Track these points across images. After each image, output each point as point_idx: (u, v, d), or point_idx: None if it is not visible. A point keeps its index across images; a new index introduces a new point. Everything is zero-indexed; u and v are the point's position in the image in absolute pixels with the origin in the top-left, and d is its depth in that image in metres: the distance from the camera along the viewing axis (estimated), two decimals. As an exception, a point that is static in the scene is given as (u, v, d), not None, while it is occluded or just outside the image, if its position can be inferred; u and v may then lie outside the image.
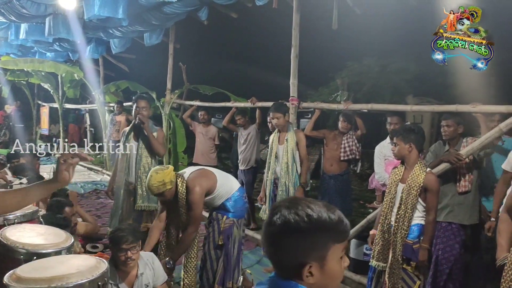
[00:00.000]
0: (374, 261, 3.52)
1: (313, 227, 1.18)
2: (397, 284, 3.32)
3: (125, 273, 3.11)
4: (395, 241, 3.35)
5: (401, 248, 3.31)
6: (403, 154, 3.39)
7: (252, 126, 6.92)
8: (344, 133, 5.37)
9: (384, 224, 3.47)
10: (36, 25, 7.99)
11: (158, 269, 3.32)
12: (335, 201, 5.35)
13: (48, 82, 13.18)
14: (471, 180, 4.00)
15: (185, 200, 3.62)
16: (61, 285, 1.76)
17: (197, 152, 7.71)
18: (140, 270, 3.17)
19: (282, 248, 1.21)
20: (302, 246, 1.18)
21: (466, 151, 3.84)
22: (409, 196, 3.32)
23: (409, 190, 3.33)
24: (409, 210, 3.31)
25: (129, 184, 4.58)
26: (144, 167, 4.50)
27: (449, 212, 4.07)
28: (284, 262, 1.22)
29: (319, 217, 1.19)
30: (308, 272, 1.19)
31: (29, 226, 2.43)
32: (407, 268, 3.33)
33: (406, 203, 3.32)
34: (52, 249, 2.17)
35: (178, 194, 3.62)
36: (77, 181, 10.19)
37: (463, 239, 4.01)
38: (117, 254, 3.04)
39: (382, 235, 3.48)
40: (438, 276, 4.05)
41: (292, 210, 1.20)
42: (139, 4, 6.60)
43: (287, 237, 1.20)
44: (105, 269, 1.97)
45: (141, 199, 4.48)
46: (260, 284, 1.26)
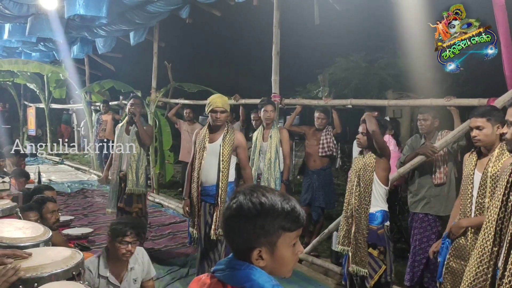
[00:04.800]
0: (340, 246, 3.68)
1: (263, 214, 1.24)
2: (363, 257, 3.48)
3: (116, 266, 3.16)
4: (358, 218, 3.50)
5: (366, 224, 3.46)
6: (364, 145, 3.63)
7: (237, 123, 6.99)
8: (322, 129, 5.46)
9: (347, 210, 3.63)
10: (19, 25, 8.00)
11: (147, 264, 3.37)
12: (318, 195, 5.44)
13: (34, 82, 13.13)
14: (446, 172, 4.11)
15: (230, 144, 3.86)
16: (36, 274, 1.81)
17: (183, 149, 7.77)
18: (131, 264, 3.22)
19: (235, 232, 1.27)
20: (252, 231, 1.24)
21: (440, 143, 3.94)
22: (365, 172, 3.51)
23: (365, 167, 3.52)
24: (368, 186, 3.49)
25: (121, 172, 5.10)
26: (134, 156, 5.06)
27: (425, 204, 4.19)
28: (237, 245, 1.29)
29: (271, 205, 1.25)
30: (258, 256, 1.26)
31: (7, 221, 2.47)
32: (373, 252, 3.48)
33: (364, 179, 3.50)
34: (29, 242, 2.21)
35: (227, 135, 3.87)
36: (64, 181, 10.19)
37: (439, 230, 4.12)
38: (118, 245, 3.08)
39: (346, 220, 3.64)
40: (416, 266, 4.16)
41: (248, 197, 1.27)
42: (122, 3, 6.63)
43: (239, 221, 1.26)
44: (80, 259, 2.02)
45: (131, 184, 5.02)
46: (219, 264, 1.32)
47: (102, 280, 3.10)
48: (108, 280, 3.10)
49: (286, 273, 1.31)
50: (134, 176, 5.03)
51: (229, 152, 3.86)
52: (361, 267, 3.49)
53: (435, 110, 4.25)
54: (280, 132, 5.00)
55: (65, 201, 7.97)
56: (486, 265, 1.95)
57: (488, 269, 1.95)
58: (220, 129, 3.91)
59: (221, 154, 3.84)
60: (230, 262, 1.29)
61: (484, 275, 1.95)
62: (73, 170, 12.17)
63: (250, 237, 1.25)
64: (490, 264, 1.95)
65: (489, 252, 1.95)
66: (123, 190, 5.06)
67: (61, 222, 4.80)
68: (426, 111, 4.24)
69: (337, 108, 5.68)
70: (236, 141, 3.88)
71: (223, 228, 1.33)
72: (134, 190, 5.02)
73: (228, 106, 3.93)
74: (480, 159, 2.93)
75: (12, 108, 17.00)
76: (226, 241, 1.34)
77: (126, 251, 3.09)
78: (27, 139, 15.57)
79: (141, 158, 5.08)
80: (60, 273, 1.89)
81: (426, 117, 4.21)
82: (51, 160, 13.62)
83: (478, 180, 2.82)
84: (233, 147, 3.87)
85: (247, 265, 1.26)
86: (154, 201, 8.03)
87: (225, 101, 3.88)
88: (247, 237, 1.25)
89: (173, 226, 6.54)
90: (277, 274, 1.30)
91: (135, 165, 5.02)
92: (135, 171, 5.02)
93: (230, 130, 3.92)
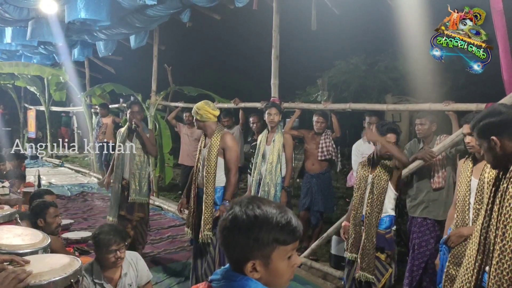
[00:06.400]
0: (348, 252, 3.66)
1: (258, 226, 1.24)
2: (370, 264, 3.46)
3: (110, 273, 3.15)
4: (369, 225, 3.47)
5: (375, 231, 3.44)
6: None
7: (236, 127, 7.00)
8: (321, 133, 5.47)
9: (356, 218, 3.59)
10: (20, 29, 8.01)
11: (141, 269, 3.35)
12: (317, 199, 5.45)
13: (34, 85, 13.15)
14: (444, 177, 4.12)
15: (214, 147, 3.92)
16: (34, 282, 1.82)
17: (183, 153, 7.78)
18: (124, 270, 3.21)
19: (230, 243, 1.28)
20: (246, 243, 1.25)
21: (438, 148, 3.96)
22: (380, 181, 3.45)
23: (379, 175, 3.47)
24: (381, 194, 3.44)
25: (123, 180, 5.03)
26: (137, 165, 5.00)
27: (424, 208, 4.20)
28: (233, 256, 1.29)
29: (266, 218, 1.25)
30: (252, 268, 1.26)
31: (6, 227, 2.48)
32: (381, 256, 3.47)
33: (378, 187, 3.45)
34: (28, 249, 2.22)
35: (213, 138, 3.93)
36: (64, 184, 10.20)
37: (438, 234, 4.11)
38: (106, 256, 3.06)
39: (354, 228, 3.61)
40: (414, 270, 4.17)
41: (243, 209, 1.27)
42: (122, 7, 6.64)
43: (234, 233, 1.26)
44: (78, 267, 2.02)
45: (134, 193, 4.97)
46: (216, 274, 1.33)
47: (97, 287, 3.10)
48: (103, 286, 3.10)
49: (282, 285, 1.31)
50: (137, 185, 4.98)
51: (215, 155, 3.92)
52: (368, 274, 3.46)
53: (432, 114, 4.26)
54: (284, 137, 4.95)
55: (65, 204, 7.98)
56: (471, 273, 1.99)
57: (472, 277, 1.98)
58: (210, 133, 4.01)
59: (206, 158, 3.93)
60: (227, 273, 1.30)
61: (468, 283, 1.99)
62: (73, 173, 12.18)
63: (244, 249, 1.25)
64: (474, 273, 1.98)
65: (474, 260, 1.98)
66: (125, 198, 5.00)
67: (61, 225, 4.81)
68: (423, 116, 4.26)
69: (337, 111, 5.69)
70: (222, 143, 3.94)
71: (220, 238, 1.33)
72: (136, 200, 4.98)
73: (194, 112, 4.00)
74: (475, 165, 2.94)
75: (13, 111, 17.04)
76: (224, 251, 1.34)
77: (116, 258, 3.07)
78: (27, 141, 15.61)
79: (144, 167, 5.03)
80: (58, 280, 1.90)
81: (424, 122, 4.22)
82: (51, 163, 13.64)
83: (475, 186, 2.83)
84: (219, 149, 3.93)
85: (243, 277, 1.26)
86: (154, 204, 8.04)
87: (193, 109, 4.03)
88: (242, 249, 1.26)
89: (172, 229, 6.56)
90: (273, 286, 1.30)
91: (138, 174, 4.98)
92: (138, 180, 4.97)
93: (217, 134, 3.97)
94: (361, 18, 7.84)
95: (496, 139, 1.89)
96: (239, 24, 9.71)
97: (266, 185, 4.88)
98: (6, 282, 1.73)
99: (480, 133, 1.97)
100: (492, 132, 1.90)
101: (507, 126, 1.90)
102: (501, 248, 1.80)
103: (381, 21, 7.57)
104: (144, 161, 5.05)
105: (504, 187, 1.86)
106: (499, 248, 1.81)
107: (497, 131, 1.90)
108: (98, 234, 3.15)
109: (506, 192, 1.83)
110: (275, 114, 4.88)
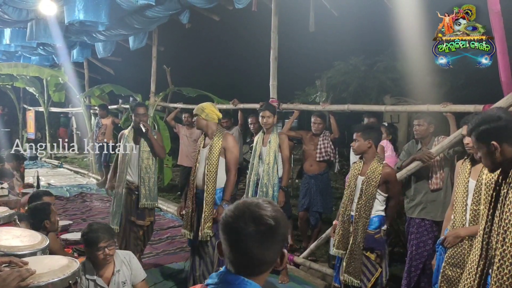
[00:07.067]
0: (335, 249, 3.69)
1: (282, 226, 1.33)
2: (357, 268, 3.49)
3: (102, 269, 3.18)
4: (356, 230, 3.51)
5: (363, 236, 3.47)
6: (363, 150, 3.60)
7: (235, 128, 7.01)
8: (319, 134, 5.48)
9: (344, 215, 3.64)
10: (19, 30, 8.02)
11: (135, 268, 3.37)
12: (316, 200, 5.46)
13: (33, 86, 13.15)
14: (442, 178, 4.13)
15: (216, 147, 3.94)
16: (33, 283, 1.83)
17: (182, 154, 7.79)
18: (117, 267, 3.23)
19: (263, 250, 1.30)
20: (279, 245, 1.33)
21: (436, 149, 3.97)
22: (368, 187, 3.50)
23: (368, 181, 3.51)
24: (370, 200, 3.49)
25: (130, 184, 4.82)
26: (146, 169, 4.81)
27: (422, 209, 4.20)
28: (260, 260, 1.31)
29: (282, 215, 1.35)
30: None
31: (5, 229, 2.48)
32: (370, 256, 3.50)
33: (367, 193, 3.50)
34: (27, 250, 2.23)
35: (215, 138, 3.95)
36: (63, 185, 10.20)
37: (435, 235, 4.12)
38: (95, 253, 3.10)
39: (342, 225, 3.65)
40: (412, 271, 4.17)
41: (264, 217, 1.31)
42: (121, 8, 6.65)
43: (268, 241, 1.31)
44: (77, 268, 2.03)
45: (144, 198, 4.78)
46: (212, 277, 1.32)
47: (90, 283, 3.13)
48: (96, 283, 3.13)
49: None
50: (147, 189, 4.78)
51: (217, 154, 3.94)
52: (354, 278, 3.50)
53: (430, 115, 4.27)
54: (280, 137, 4.95)
55: (64, 205, 7.98)
56: (473, 278, 2.00)
57: (474, 281, 1.99)
58: (211, 134, 4.02)
59: (207, 158, 3.94)
60: (224, 276, 1.30)
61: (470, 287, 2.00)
62: (72, 174, 12.18)
63: (277, 250, 1.33)
64: (476, 277, 1.99)
65: (476, 265, 1.99)
66: (134, 202, 4.80)
67: (60, 226, 4.80)
68: (421, 117, 4.27)
69: (335, 112, 5.70)
70: (224, 143, 3.96)
71: (246, 250, 1.30)
72: (147, 205, 4.81)
73: (199, 111, 4.01)
74: (474, 166, 2.95)
75: (12, 112, 17.04)
76: (228, 256, 1.33)
77: (104, 255, 3.11)
78: (27, 142, 15.61)
79: (153, 170, 4.84)
80: (57, 282, 1.90)
81: (421, 123, 4.24)
82: (50, 164, 13.64)
83: (473, 187, 2.84)
84: (220, 150, 3.94)
85: (241, 280, 1.27)
86: (153, 205, 8.04)
87: (198, 107, 4.06)
88: (275, 251, 1.33)
89: (171, 230, 6.56)
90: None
91: (148, 178, 4.76)
92: (147, 184, 4.77)
93: (218, 134, 3.99)
94: (359, 19, 7.87)
95: (496, 144, 1.91)
96: (238, 25, 9.74)
97: (264, 186, 4.88)
98: (9, 279, 1.75)
99: (480, 137, 1.99)
100: (492, 137, 1.93)
101: (507, 131, 1.93)
102: (501, 254, 1.82)
103: (380, 22, 7.59)
104: (153, 164, 4.86)
105: (504, 192, 1.87)
106: (499, 254, 1.83)
107: (497, 136, 1.92)
108: (87, 233, 3.19)
109: (506, 198, 1.85)
110: (269, 117, 4.85)
